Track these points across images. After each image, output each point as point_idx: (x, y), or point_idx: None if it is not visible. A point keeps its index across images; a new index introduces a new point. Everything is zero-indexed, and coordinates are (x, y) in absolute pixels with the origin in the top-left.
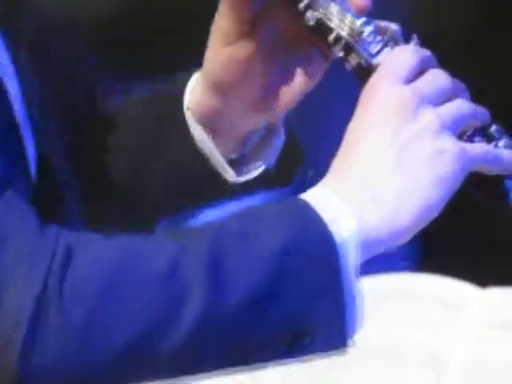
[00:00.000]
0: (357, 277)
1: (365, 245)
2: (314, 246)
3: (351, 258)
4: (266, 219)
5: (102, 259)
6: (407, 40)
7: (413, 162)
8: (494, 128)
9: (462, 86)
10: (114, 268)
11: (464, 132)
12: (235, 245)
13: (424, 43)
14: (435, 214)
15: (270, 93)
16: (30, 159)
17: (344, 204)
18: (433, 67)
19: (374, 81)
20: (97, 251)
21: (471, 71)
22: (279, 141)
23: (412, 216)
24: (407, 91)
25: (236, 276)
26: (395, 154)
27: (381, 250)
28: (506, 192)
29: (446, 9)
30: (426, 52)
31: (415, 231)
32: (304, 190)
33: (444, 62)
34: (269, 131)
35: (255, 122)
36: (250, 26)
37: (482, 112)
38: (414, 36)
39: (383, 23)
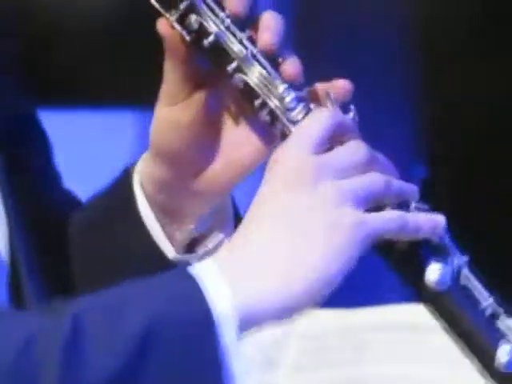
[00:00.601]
0: (237, 352)
1: (249, 321)
2: (187, 324)
3: (230, 336)
4: (138, 293)
5: None
6: (345, 110)
7: (306, 234)
8: (415, 205)
9: (383, 160)
10: None
11: (380, 207)
12: (98, 322)
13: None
14: (332, 287)
15: (214, 166)
16: None
17: (228, 279)
18: (354, 138)
19: (279, 148)
20: None
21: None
22: (227, 230)
23: (303, 290)
24: (309, 162)
25: (94, 357)
26: (288, 226)
27: (275, 322)
28: (422, 265)
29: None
30: (348, 122)
31: (310, 304)
32: None
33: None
34: (218, 219)
35: (203, 198)
36: (193, 88)
37: (402, 188)
38: (352, 107)
39: (319, 89)
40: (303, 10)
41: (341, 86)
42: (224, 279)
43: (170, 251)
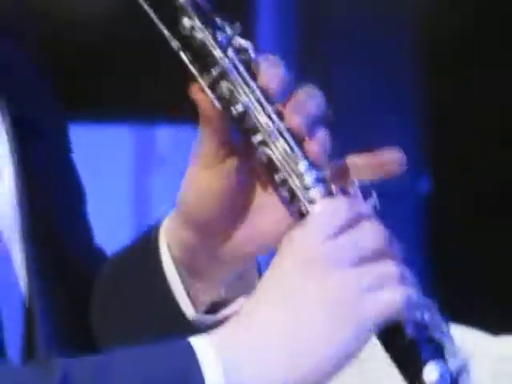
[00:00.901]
0: None
1: None
2: None
3: None
4: (130, 360)
5: None
6: (365, 195)
7: (311, 320)
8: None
9: (396, 244)
10: None
11: None
12: None
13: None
14: (327, 376)
15: (241, 234)
16: None
17: (223, 359)
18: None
19: (293, 231)
20: None
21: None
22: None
23: (298, 379)
24: (321, 249)
25: None
26: (294, 310)
27: None
28: (421, 365)
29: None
30: (365, 211)
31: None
32: None
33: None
34: (242, 283)
35: (228, 263)
36: (227, 155)
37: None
38: (373, 194)
39: (344, 169)
40: (303, 11)
41: (392, 159)
42: (219, 359)
43: (190, 311)
